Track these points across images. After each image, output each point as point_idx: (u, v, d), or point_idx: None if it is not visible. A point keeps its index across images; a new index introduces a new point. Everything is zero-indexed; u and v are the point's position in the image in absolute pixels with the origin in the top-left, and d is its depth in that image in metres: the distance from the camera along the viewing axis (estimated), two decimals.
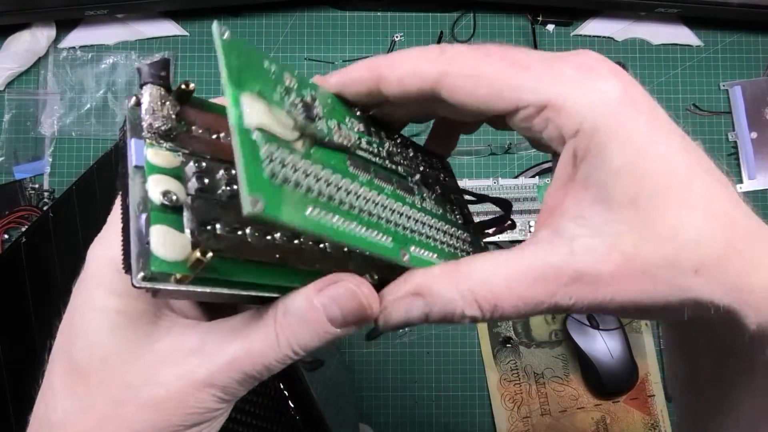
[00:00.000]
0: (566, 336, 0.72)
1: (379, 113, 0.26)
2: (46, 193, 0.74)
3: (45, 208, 0.71)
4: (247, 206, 0.18)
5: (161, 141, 0.22)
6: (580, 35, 0.78)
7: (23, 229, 0.69)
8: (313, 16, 0.78)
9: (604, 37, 0.78)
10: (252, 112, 0.20)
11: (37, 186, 0.74)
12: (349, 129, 0.24)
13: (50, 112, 0.75)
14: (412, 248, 0.24)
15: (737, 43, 0.78)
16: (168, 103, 0.22)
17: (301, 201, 0.20)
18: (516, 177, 0.76)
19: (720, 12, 0.74)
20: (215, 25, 0.21)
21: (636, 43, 0.78)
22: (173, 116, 0.22)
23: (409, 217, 0.25)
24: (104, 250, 0.24)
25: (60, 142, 0.75)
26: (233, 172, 0.23)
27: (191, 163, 0.22)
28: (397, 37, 0.77)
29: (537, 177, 0.76)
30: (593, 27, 0.78)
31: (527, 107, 0.22)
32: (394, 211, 0.24)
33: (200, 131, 0.23)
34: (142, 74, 0.22)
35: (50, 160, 0.75)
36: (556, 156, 0.23)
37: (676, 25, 0.78)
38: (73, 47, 0.76)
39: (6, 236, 0.72)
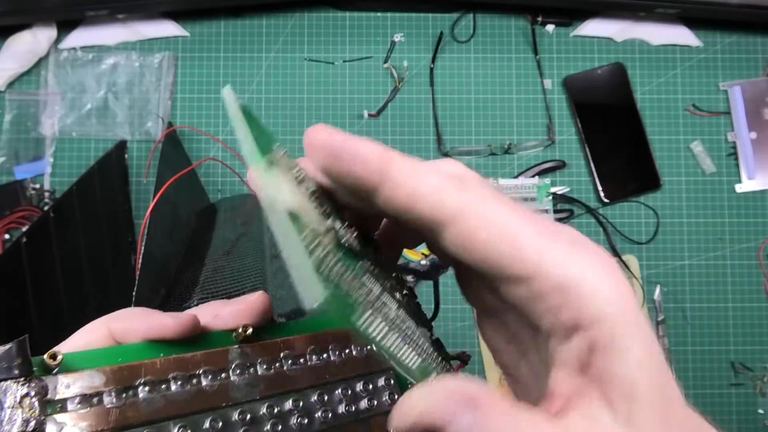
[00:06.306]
0: None
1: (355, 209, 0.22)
2: (46, 193, 0.74)
3: (46, 208, 0.71)
4: (315, 298, 0.16)
5: None
6: (580, 36, 0.79)
7: (24, 229, 0.69)
8: (313, 17, 0.78)
9: (603, 37, 0.78)
10: (287, 193, 0.18)
11: (37, 186, 0.74)
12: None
13: (51, 112, 0.76)
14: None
15: (736, 44, 0.78)
16: (28, 398, 0.20)
17: (350, 303, 0.18)
18: (516, 177, 0.76)
19: (719, 12, 0.75)
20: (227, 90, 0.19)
21: (635, 44, 0.78)
22: (37, 410, 0.20)
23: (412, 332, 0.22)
24: None
25: (60, 143, 0.76)
26: None
27: None
28: (396, 37, 0.77)
29: (537, 177, 0.76)
30: (593, 27, 0.78)
31: (543, 281, 0.18)
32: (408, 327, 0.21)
33: (77, 403, 0.21)
34: None
35: (51, 160, 0.75)
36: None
37: (676, 25, 0.78)
38: (74, 48, 0.76)
39: (7, 236, 0.72)
